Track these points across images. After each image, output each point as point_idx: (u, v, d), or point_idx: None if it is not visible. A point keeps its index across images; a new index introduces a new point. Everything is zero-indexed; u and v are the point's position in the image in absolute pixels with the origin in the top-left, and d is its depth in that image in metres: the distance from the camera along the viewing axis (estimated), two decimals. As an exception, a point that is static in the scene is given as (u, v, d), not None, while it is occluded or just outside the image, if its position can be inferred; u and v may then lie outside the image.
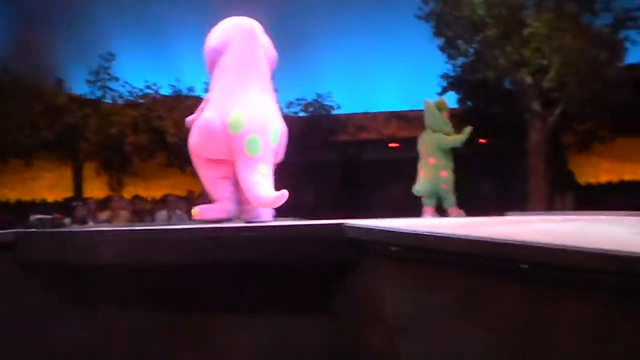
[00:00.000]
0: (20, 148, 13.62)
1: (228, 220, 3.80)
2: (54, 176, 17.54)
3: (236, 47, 3.81)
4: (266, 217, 3.84)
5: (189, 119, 3.97)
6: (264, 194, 3.47)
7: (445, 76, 15.36)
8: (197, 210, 3.80)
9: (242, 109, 3.56)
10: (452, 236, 2.02)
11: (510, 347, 1.86)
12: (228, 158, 3.63)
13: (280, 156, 3.92)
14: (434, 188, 7.94)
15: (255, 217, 3.77)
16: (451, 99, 15.95)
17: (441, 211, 8.02)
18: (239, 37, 3.86)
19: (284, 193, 3.44)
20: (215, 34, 3.94)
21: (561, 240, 1.76)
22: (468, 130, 8.00)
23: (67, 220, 9.17)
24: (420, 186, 7.98)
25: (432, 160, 7.98)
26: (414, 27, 13.00)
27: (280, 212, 4.12)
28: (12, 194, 17.82)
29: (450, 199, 7.97)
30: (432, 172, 7.96)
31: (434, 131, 8.06)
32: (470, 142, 8.00)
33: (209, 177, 3.78)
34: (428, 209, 7.98)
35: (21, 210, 14.97)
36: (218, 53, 3.84)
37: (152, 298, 3.02)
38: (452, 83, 15.48)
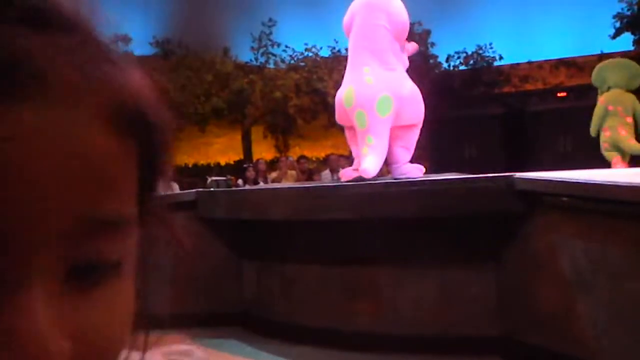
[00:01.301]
0: (194, 115, 14.60)
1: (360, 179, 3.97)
2: (225, 141, 18.67)
3: (356, 23, 4.05)
4: (414, 173, 3.98)
5: None
6: (366, 166, 3.60)
7: (619, 16, 14.17)
8: (340, 173, 4.13)
9: (354, 85, 3.84)
10: (626, 184, 1.91)
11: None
12: (349, 126, 3.97)
13: (417, 113, 4.02)
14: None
15: (404, 172, 3.97)
16: (627, 41, 14.74)
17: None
18: (358, 13, 4.08)
19: (372, 170, 3.56)
20: (346, 14, 4.21)
21: None
22: None
23: (240, 182, 9.77)
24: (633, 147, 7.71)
25: (630, 119, 7.67)
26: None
27: (444, 166, 4.16)
28: (189, 159, 19.26)
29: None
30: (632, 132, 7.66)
31: (629, 91, 7.71)
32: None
33: (351, 141, 4.07)
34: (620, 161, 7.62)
35: (198, 173, 16.16)
36: (347, 30, 4.14)
37: (323, 251, 3.17)
38: (628, 23, 14.25)
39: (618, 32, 14.37)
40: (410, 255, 2.97)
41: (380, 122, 3.84)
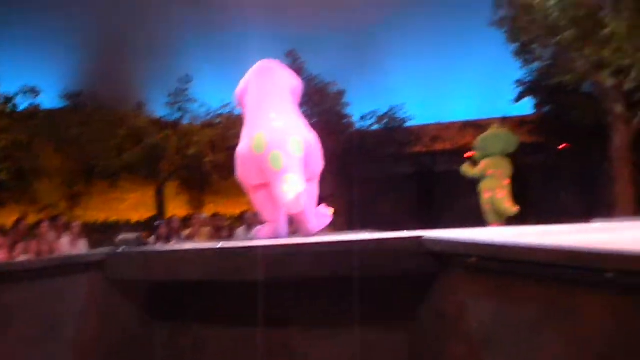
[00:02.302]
0: (105, 171, 14.23)
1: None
2: (138, 196, 18.21)
3: (252, 85, 4.26)
4: (318, 230, 4.11)
5: None
6: (291, 199, 3.69)
7: (520, 82, 15.04)
8: (253, 232, 4.10)
9: (262, 130, 3.91)
10: (537, 246, 1.99)
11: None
12: (265, 181, 3.94)
13: (318, 163, 4.17)
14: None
15: (309, 232, 4.05)
16: (527, 106, 15.63)
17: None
18: (254, 76, 4.32)
19: (301, 195, 3.70)
20: (239, 84, 4.43)
21: (650, 248, 1.71)
22: None
23: (151, 239, 9.51)
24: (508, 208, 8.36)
25: (506, 182, 8.43)
26: (487, 33, 12.82)
27: (357, 224, 4.25)
28: (100, 215, 18.62)
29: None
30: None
31: (507, 155, 8.57)
32: (549, 149, 8.05)
33: (257, 201, 4.11)
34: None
35: (108, 230, 15.62)
36: (242, 95, 4.31)
37: (236, 313, 3.11)
38: (528, 88, 15.14)
39: (519, 97, 15.22)
40: (323, 316, 2.95)
41: (296, 159, 3.89)
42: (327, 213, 4.15)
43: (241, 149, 4.02)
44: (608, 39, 10.94)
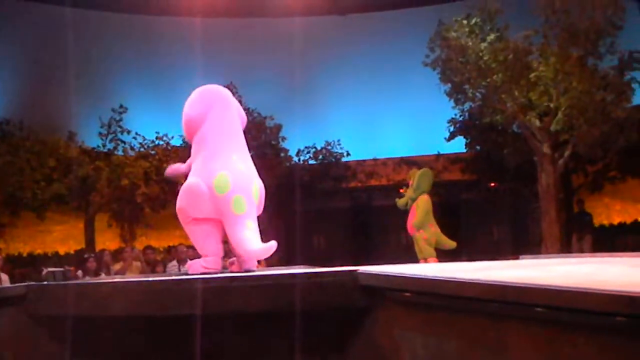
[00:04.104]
0: (32, 201, 13.72)
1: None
2: (66, 229, 17.61)
3: (215, 115, 4.11)
4: (253, 266, 4.06)
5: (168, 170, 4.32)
6: (255, 247, 3.77)
7: (452, 121, 15.44)
8: (187, 266, 4.01)
9: (227, 171, 3.86)
10: (467, 281, 2.01)
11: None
12: (214, 217, 3.89)
13: (260, 210, 4.17)
14: None
15: (250, 267, 4.01)
16: (459, 144, 16.03)
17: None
18: (215, 104, 4.17)
19: (273, 245, 3.74)
20: (193, 104, 4.22)
21: (574, 282, 1.75)
22: None
23: (79, 273, 9.18)
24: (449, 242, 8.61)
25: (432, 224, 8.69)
26: (421, 73, 13.13)
27: (292, 259, 4.26)
28: (25, 247, 17.89)
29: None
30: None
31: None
32: (481, 186, 8.26)
33: (197, 235, 3.99)
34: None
35: (34, 263, 15.00)
36: (196, 122, 4.12)
37: (166, 347, 3.01)
38: (460, 127, 15.55)
39: (452, 136, 15.61)
40: (256, 350, 2.90)
41: (255, 207, 3.97)
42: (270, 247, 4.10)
43: (196, 184, 3.89)
44: (535, 82, 11.41)
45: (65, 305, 3.10)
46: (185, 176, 4.17)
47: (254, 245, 3.76)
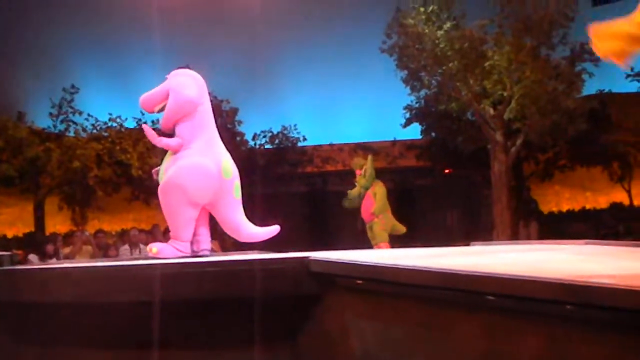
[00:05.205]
0: (-21, 183, 13.34)
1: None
2: (15, 211, 17.19)
3: (207, 101, 4.20)
4: (207, 251, 4.09)
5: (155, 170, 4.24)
6: (255, 231, 4.03)
7: (409, 107, 15.55)
8: (156, 249, 3.81)
9: (227, 159, 4.01)
10: (415, 268, 2.03)
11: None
12: (207, 202, 3.90)
13: None
14: None
15: (202, 250, 4.02)
16: (415, 130, 16.17)
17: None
18: (206, 92, 4.24)
19: (275, 228, 4.10)
20: (190, 86, 4.15)
21: (521, 270, 1.79)
22: None
23: (33, 256, 8.97)
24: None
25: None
26: (378, 59, 13.18)
27: (247, 244, 4.27)
28: (-29, 230, 17.40)
29: None
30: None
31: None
32: (435, 172, 8.33)
33: (181, 218, 3.87)
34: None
35: (-20, 246, 14.59)
36: (196, 104, 4.08)
37: (115, 335, 2.96)
38: (416, 114, 15.68)
39: (408, 122, 15.73)
40: (205, 337, 2.88)
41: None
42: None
43: (205, 166, 3.85)
44: (489, 71, 11.58)
45: (8, 290, 3.02)
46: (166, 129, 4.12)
47: (255, 229, 4.01)
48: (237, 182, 4.01)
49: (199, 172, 3.83)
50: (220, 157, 3.97)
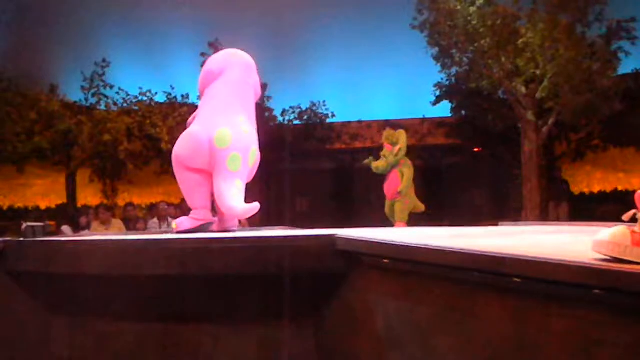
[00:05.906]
0: (13, 155, 13.56)
1: (204, 228, 4.01)
2: (48, 183, 17.51)
3: (232, 74, 4.18)
4: (234, 226, 4.22)
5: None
6: (238, 205, 3.83)
7: (439, 85, 15.41)
8: (175, 224, 4.02)
9: (230, 127, 3.91)
10: (443, 249, 2.02)
11: (498, 361, 1.86)
12: (208, 169, 3.93)
13: (251, 177, 4.25)
14: None
15: (230, 226, 4.16)
16: (445, 108, 16.02)
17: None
18: (237, 66, 4.24)
19: (256, 206, 3.83)
20: (216, 60, 4.33)
21: (545, 252, 1.77)
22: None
23: (66, 228, 9.15)
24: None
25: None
26: (408, 36, 13.04)
27: (273, 220, 4.29)
28: (4, 201, 17.77)
29: None
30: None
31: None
32: (465, 151, 8.20)
33: (188, 185, 4.01)
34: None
35: (14, 217, 14.93)
36: (214, 75, 4.18)
37: (141, 308, 3.02)
38: (446, 92, 15.54)
39: (438, 100, 15.59)
40: (231, 312, 2.91)
41: (248, 170, 4.04)
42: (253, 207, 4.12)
43: (196, 133, 3.93)
44: (522, 49, 11.37)
45: (41, 261, 3.08)
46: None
47: (236, 203, 3.82)
48: (235, 154, 3.87)
49: (188, 140, 3.94)
50: (217, 126, 3.91)
